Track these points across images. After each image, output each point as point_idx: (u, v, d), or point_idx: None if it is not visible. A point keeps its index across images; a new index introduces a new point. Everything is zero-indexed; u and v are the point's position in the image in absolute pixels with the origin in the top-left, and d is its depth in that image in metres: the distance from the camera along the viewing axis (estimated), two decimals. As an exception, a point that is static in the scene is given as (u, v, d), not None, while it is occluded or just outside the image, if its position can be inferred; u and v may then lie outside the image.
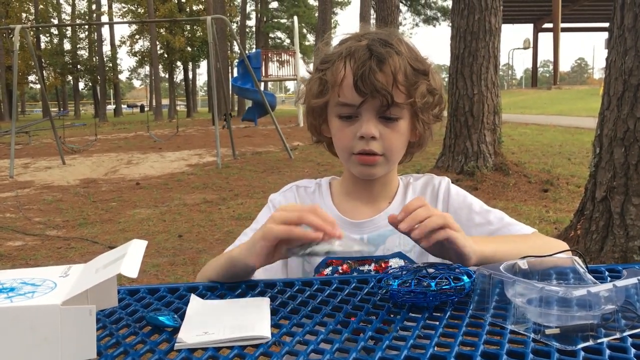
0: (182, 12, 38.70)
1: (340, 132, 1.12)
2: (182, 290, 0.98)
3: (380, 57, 1.05)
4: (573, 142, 10.82)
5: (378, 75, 1.04)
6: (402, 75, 1.06)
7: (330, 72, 1.10)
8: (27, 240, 5.11)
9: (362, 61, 1.04)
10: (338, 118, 1.12)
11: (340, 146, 1.15)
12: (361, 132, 1.08)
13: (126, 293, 0.97)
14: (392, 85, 1.05)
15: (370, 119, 1.08)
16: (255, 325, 0.79)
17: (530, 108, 21.06)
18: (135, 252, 0.76)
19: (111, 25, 44.65)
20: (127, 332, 0.81)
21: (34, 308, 0.66)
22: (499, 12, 6.80)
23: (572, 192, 6.29)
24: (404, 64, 1.06)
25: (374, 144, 1.08)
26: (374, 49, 1.06)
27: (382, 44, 1.07)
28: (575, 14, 30.62)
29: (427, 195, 1.23)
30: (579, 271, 0.88)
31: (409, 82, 1.07)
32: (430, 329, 0.78)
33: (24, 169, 10.13)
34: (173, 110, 38.93)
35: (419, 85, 1.08)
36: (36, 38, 39.40)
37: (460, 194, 1.22)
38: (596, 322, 0.71)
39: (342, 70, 1.08)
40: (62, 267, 0.81)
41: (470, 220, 1.17)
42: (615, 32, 3.56)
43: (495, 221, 1.16)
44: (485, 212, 1.18)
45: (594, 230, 3.63)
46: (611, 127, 3.55)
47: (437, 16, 33.31)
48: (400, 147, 1.14)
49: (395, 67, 1.05)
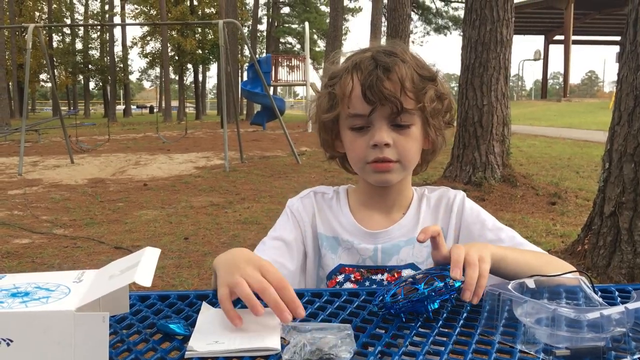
0: (194, 15, 38.89)
1: (354, 144, 1.13)
2: (192, 297, 0.98)
3: (386, 66, 1.07)
4: (582, 155, 10.78)
5: (385, 83, 1.06)
6: (409, 81, 1.07)
7: (338, 86, 1.12)
8: (34, 238, 5.14)
9: (369, 71, 1.07)
10: (350, 130, 1.13)
11: (355, 157, 1.15)
12: (374, 141, 1.09)
13: (137, 299, 0.97)
14: (400, 91, 1.07)
15: (382, 126, 1.09)
16: (266, 337, 0.79)
17: (539, 120, 20.98)
18: (148, 261, 0.77)
19: (123, 26, 44.95)
20: (138, 339, 0.81)
21: (48, 313, 0.67)
22: (510, 23, 6.79)
23: (580, 205, 6.26)
24: (410, 72, 1.08)
25: (387, 151, 1.09)
26: (379, 58, 1.08)
27: (386, 54, 1.09)
28: (586, 26, 30.53)
29: (441, 208, 1.23)
30: (587, 291, 0.88)
31: (416, 88, 1.08)
32: (440, 345, 0.78)
33: (32, 167, 10.20)
34: (182, 112, 39.07)
35: (427, 91, 1.10)
36: (49, 37, 39.71)
37: (475, 209, 1.22)
38: (606, 345, 0.71)
39: (349, 82, 1.09)
40: (75, 272, 0.82)
41: (482, 236, 1.17)
42: (628, 47, 3.55)
43: (507, 239, 1.16)
44: (497, 230, 1.18)
45: (602, 245, 3.61)
46: (621, 142, 3.54)
47: (449, 25, 33.29)
48: (414, 153, 1.15)
49: (402, 75, 1.07)
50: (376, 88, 1.05)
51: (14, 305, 0.69)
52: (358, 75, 1.08)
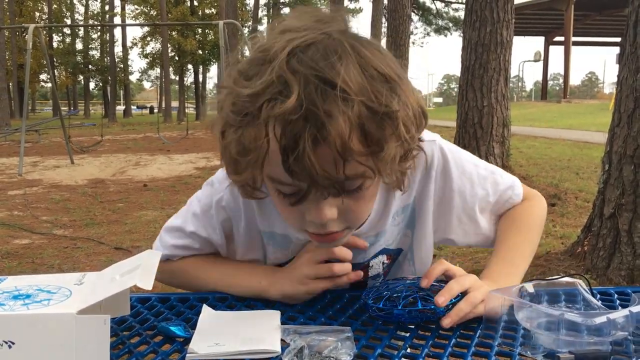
0: (194, 16, 38.93)
1: (284, 211, 0.86)
2: (192, 300, 0.99)
3: (318, 126, 0.69)
4: (582, 156, 10.78)
5: (316, 157, 0.71)
6: (356, 141, 0.72)
7: (251, 132, 0.74)
8: (34, 238, 5.14)
9: (293, 135, 0.70)
10: (276, 192, 0.82)
11: (288, 223, 0.91)
12: (311, 218, 0.82)
13: (137, 301, 0.98)
14: (341, 166, 0.73)
15: (320, 199, 0.79)
16: (266, 339, 0.79)
17: (539, 121, 20.98)
18: (149, 264, 0.77)
19: (123, 27, 45.00)
20: (138, 341, 0.82)
21: (50, 316, 0.68)
22: (510, 25, 6.80)
23: (579, 207, 6.26)
24: (357, 117, 0.71)
25: (332, 224, 0.83)
26: (310, 109, 0.69)
27: (320, 90, 0.70)
28: (586, 28, 30.57)
29: (418, 176, 1.03)
30: (585, 294, 0.88)
31: (368, 145, 0.73)
32: (440, 348, 0.79)
33: (32, 168, 10.20)
34: (182, 113, 39.11)
35: (384, 145, 0.74)
36: (49, 37, 39.74)
37: (460, 170, 1.07)
38: (609, 349, 0.72)
39: (264, 141, 0.73)
40: (76, 275, 0.82)
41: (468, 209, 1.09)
42: (628, 49, 3.56)
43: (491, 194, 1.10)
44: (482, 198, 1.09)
45: (601, 247, 3.61)
46: (621, 144, 3.54)
47: (449, 26, 33.30)
48: (368, 211, 0.91)
49: (342, 134, 0.70)
50: (303, 164, 0.71)
51: (15, 308, 0.69)
52: (277, 134, 0.71)
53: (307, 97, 0.70)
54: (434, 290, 0.88)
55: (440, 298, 0.84)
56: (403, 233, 1.08)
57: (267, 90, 0.72)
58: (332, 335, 0.79)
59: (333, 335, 0.79)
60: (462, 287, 0.87)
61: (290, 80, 0.71)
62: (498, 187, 1.10)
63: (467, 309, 0.85)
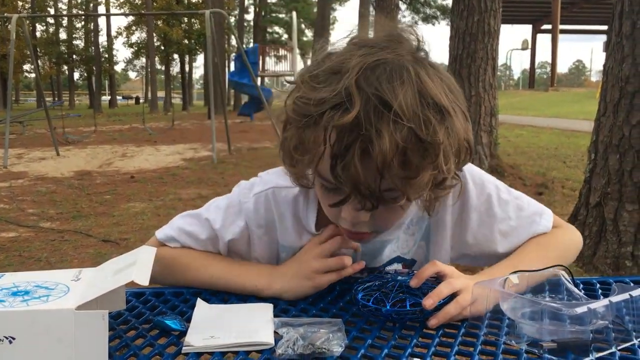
0: (180, 5, 38.55)
1: (323, 200, 0.93)
2: (186, 294, 1.00)
3: (367, 141, 0.76)
4: (569, 145, 10.89)
5: (362, 167, 0.77)
6: (397, 161, 0.77)
7: (310, 133, 0.82)
8: (20, 231, 5.11)
9: (345, 145, 0.77)
10: (321, 186, 0.90)
11: (326, 212, 0.97)
12: (345, 217, 0.89)
13: (132, 295, 0.99)
14: (379, 181, 0.79)
15: (358, 207, 0.86)
16: (260, 331, 0.82)
17: (527, 109, 21.14)
18: (145, 260, 0.79)
19: (108, 16, 44.49)
20: (135, 335, 0.83)
21: (50, 312, 0.69)
22: (498, 14, 6.83)
23: (566, 195, 6.34)
24: (402, 141, 0.76)
25: (362, 225, 0.90)
26: (364, 125, 0.76)
27: (377, 110, 0.76)
28: (574, 16, 30.73)
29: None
30: (568, 284, 0.91)
31: (405, 169, 0.78)
32: (428, 339, 0.81)
33: (17, 159, 10.10)
34: (169, 103, 38.86)
35: (420, 172, 0.79)
36: (32, 27, 39.18)
37: (483, 199, 1.09)
38: (590, 337, 0.74)
39: (320, 144, 0.81)
40: (73, 271, 0.84)
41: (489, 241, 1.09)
42: (614, 39, 3.60)
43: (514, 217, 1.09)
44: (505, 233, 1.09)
45: (587, 235, 3.67)
46: (607, 133, 3.59)
47: (437, 15, 33.28)
48: (398, 220, 0.98)
49: (385, 155, 0.75)
50: (348, 172, 0.78)
51: (15, 304, 0.71)
52: (330, 140, 0.79)
53: (365, 113, 0.76)
54: (424, 291, 0.90)
55: (429, 301, 0.85)
56: (418, 244, 1.10)
57: (333, 100, 0.79)
58: (324, 327, 0.82)
59: (325, 327, 0.81)
60: (452, 290, 0.88)
61: (355, 95, 0.77)
62: (521, 212, 1.08)
63: (455, 312, 0.87)
